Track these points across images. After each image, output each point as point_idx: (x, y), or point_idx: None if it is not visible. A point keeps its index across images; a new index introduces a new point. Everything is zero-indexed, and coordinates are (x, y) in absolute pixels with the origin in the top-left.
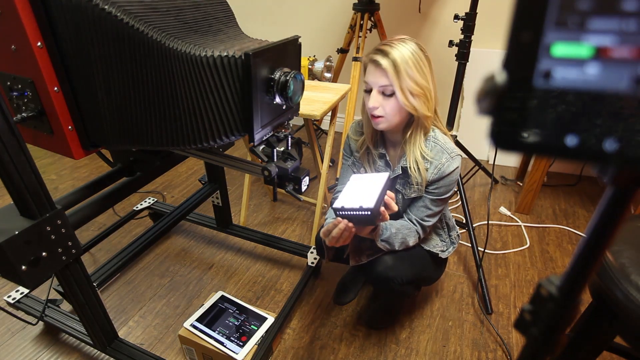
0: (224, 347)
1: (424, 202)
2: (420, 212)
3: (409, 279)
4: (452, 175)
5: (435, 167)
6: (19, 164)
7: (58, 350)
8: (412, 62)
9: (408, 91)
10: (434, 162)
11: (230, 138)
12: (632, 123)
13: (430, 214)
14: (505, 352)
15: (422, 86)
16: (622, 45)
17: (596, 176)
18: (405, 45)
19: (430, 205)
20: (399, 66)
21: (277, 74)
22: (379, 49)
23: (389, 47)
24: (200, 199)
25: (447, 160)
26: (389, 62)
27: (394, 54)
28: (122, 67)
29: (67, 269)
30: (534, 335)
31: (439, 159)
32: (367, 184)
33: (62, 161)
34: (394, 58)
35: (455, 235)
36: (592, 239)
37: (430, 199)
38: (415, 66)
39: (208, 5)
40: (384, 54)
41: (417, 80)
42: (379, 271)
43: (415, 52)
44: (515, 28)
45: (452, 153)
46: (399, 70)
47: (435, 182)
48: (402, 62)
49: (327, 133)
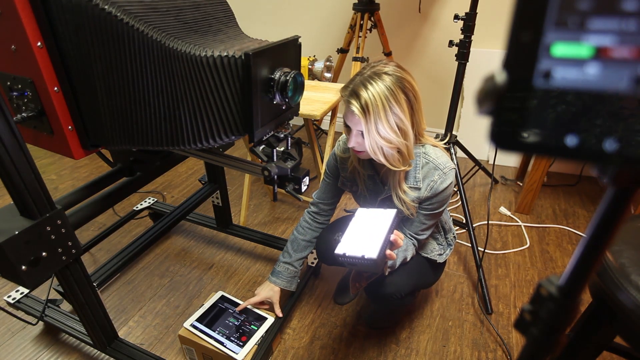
0: (224, 347)
1: (418, 218)
2: (415, 227)
3: (408, 291)
4: (445, 192)
5: (428, 185)
6: (19, 164)
7: (58, 350)
8: (383, 112)
9: (375, 142)
10: (426, 180)
11: (230, 138)
12: (632, 123)
13: (424, 228)
14: (505, 352)
15: (389, 139)
16: (622, 45)
17: (596, 176)
18: (383, 86)
19: (425, 220)
20: (370, 115)
21: (277, 74)
22: (354, 91)
23: (364, 88)
24: (200, 199)
25: (440, 177)
26: (360, 110)
27: (368, 98)
28: (122, 67)
29: (67, 269)
30: (534, 335)
31: (431, 176)
32: (374, 224)
33: (62, 161)
34: (367, 104)
35: (451, 237)
36: (592, 239)
37: (424, 214)
38: (385, 117)
39: (208, 5)
40: (358, 97)
41: (383, 134)
42: (377, 290)
43: (389, 96)
44: (515, 28)
45: (445, 168)
46: (368, 120)
47: (429, 199)
48: (373, 111)
49: (327, 133)
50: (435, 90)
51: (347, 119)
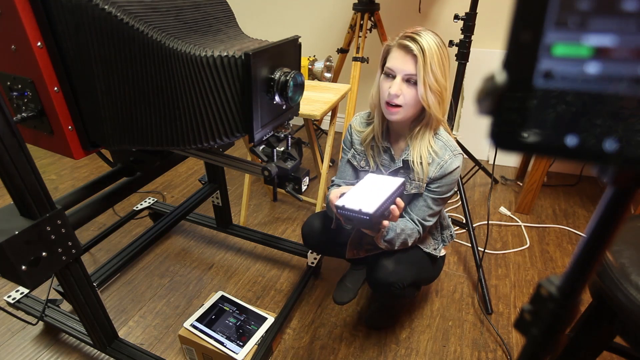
0: (224, 347)
1: (425, 202)
2: (422, 212)
3: (409, 282)
4: (453, 174)
5: (438, 164)
6: (19, 164)
7: (58, 350)
8: (437, 57)
9: (428, 85)
10: (436, 158)
11: (230, 138)
12: (632, 123)
13: (431, 213)
14: (505, 352)
15: (441, 85)
16: (622, 45)
17: (596, 176)
18: (435, 39)
19: (432, 205)
20: (427, 57)
21: (277, 74)
22: (409, 36)
23: (418, 36)
24: (200, 199)
25: (450, 157)
26: (419, 51)
27: (425, 45)
28: (122, 67)
29: (67, 269)
30: (534, 335)
31: (442, 155)
32: (379, 187)
33: (62, 161)
34: (423, 48)
35: (448, 235)
36: (592, 239)
37: (432, 198)
38: (439, 62)
39: (208, 5)
40: (415, 41)
41: (438, 77)
42: (379, 277)
43: (441, 47)
44: (515, 28)
45: (455, 151)
46: (426, 62)
47: (438, 180)
48: (429, 55)
49: (327, 133)
50: None
51: (395, 63)
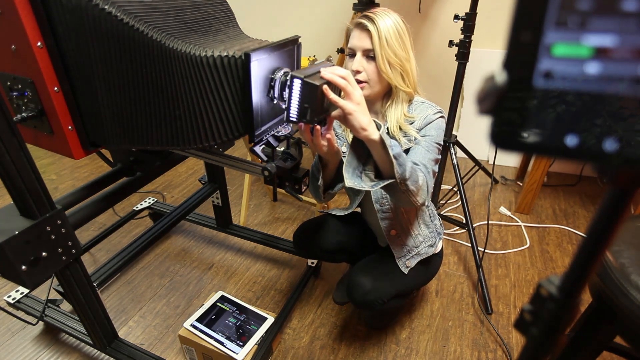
0: (224, 347)
1: (419, 149)
2: (420, 156)
3: (391, 296)
4: (438, 121)
5: (423, 117)
6: (19, 164)
7: (58, 350)
8: (394, 30)
9: (387, 60)
10: (420, 115)
11: (230, 138)
12: (632, 123)
13: (429, 158)
14: (505, 352)
15: (401, 57)
16: (622, 45)
17: (596, 176)
18: (390, 16)
19: (427, 149)
20: (381, 32)
21: (277, 74)
22: (365, 15)
23: (374, 15)
24: (200, 199)
25: (434, 111)
26: (374, 27)
27: (379, 21)
28: (122, 67)
29: (67, 269)
30: (534, 335)
31: (425, 111)
32: None
33: (62, 161)
34: (377, 23)
35: (438, 224)
36: (592, 239)
37: (425, 143)
38: (395, 35)
39: (208, 5)
40: (369, 18)
41: (396, 50)
42: (356, 298)
43: (397, 22)
44: (515, 28)
45: (438, 108)
46: (381, 37)
47: (424, 127)
48: (385, 30)
49: None
50: (435, 91)
51: (353, 41)
